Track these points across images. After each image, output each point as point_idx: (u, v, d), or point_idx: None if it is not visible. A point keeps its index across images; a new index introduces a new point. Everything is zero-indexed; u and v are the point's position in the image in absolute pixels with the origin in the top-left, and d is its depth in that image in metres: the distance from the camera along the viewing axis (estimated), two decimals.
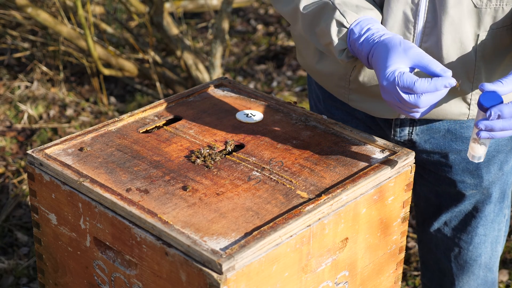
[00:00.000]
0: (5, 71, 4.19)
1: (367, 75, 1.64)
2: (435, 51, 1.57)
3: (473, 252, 1.86)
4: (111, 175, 1.48)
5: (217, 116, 1.70)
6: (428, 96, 1.39)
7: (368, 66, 1.51)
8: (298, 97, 4.03)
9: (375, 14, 1.55)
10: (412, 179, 1.55)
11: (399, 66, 1.42)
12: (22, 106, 3.82)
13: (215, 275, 1.25)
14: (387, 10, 1.56)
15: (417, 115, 1.43)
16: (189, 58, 3.80)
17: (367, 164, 1.52)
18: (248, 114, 1.69)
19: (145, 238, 1.35)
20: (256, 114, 1.69)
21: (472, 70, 1.59)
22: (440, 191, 1.81)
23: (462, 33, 1.54)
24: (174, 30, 3.81)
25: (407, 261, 2.83)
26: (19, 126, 3.74)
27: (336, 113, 1.81)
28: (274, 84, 4.20)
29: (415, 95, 1.39)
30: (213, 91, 1.81)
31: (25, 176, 3.28)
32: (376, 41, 1.47)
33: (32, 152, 1.54)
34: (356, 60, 1.58)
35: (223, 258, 1.25)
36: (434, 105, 1.43)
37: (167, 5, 4.28)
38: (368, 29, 1.50)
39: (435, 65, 1.41)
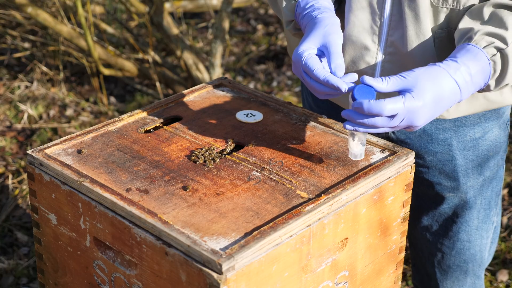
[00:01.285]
0: (5, 71, 4.19)
1: None
2: (400, 46, 1.59)
3: (456, 258, 1.85)
4: (111, 175, 1.48)
5: (217, 116, 1.70)
6: (322, 87, 1.42)
7: None
8: (298, 97, 4.03)
9: None
10: (412, 179, 1.55)
11: (311, 46, 1.45)
12: (22, 106, 3.82)
13: (215, 275, 1.25)
14: (354, 1, 1.58)
15: (319, 96, 1.45)
16: (189, 58, 3.80)
17: (367, 164, 1.52)
18: (248, 114, 1.69)
19: (145, 238, 1.35)
20: (256, 114, 1.69)
21: None
22: (419, 193, 1.81)
23: (424, 29, 1.56)
24: (174, 30, 3.81)
25: (407, 261, 2.83)
26: (19, 126, 3.74)
27: (322, 106, 1.83)
28: (274, 84, 4.20)
29: (312, 80, 1.43)
30: (213, 91, 1.82)
31: (25, 176, 3.28)
32: (310, 19, 1.51)
33: (32, 152, 1.54)
34: (301, 33, 1.62)
35: (223, 258, 1.25)
36: (335, 94, 1.43)
37: (167, 5, 4.28)
38: (311, 5, 1.53)
39: (333, 59, 1.43)
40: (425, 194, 1.80)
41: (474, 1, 1.53)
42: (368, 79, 1.38)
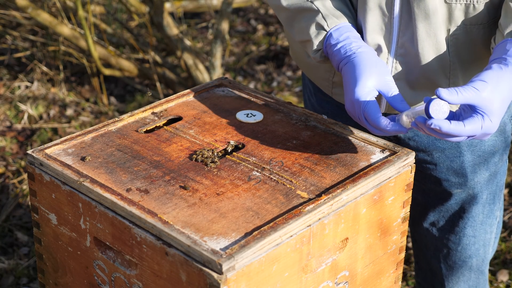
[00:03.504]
0: (5, 71, 4.19)
1: None
2: (411, 46, 1.59)
3: (462, 253, 1.85)
4: (111, 175, 1.48)
5: (217, 116, 1.70)
6: (378, 131, 1.48)
7: (337, 71, 1.57)
8: (298, 97, 4.03)
9: (353, 21, 1.61)
10: (412, 179, 1.55)
11: (370, 90, 1.48)
12: (22, 106, 3.82)
13: (215, 275, 1.25)
14: (364, 4, 1.58)
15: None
16: (189, 58, 3.80)
17: (367, 164, 1.52)
18: (248, 114, 1.69)
19: (145, 238, 1.35)
20: (256, 114, 1.69)
21: (448, 66, 1.60)
22: (426, 190, 1.81)
23: (436, 28, 1.56)
24: (174, 30, 3.81)
25: (407, 261, 2.83)
26: (19, 126, 3.74)
27: (326, 107, 1.83)
28: (274, 84, 4.20)
29: (369, 124, 1.48)
30: (213, 91, 1.82)
31: (25, 176, 3.28)
32: (353, 52, 1.53)
33: (32, 152, 1.54)
34: (327, 60, 1.63)
35: (223, 258, 1.25)
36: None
37: (167, 5, 4.28)
38: (347, 37, 1.55)
39: (394, 100, 1.47)
40: (432, 191, 1.80)
41: None
42: (443, 93, 1.37)
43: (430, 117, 1.37)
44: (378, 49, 1.61)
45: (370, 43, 1.61)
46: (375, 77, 1.49)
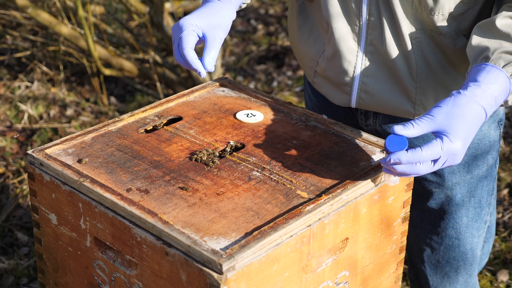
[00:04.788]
0: (5, 71, 4.19)
1: (324, 60, 1.71)
2: (379, 45, 1.62)
3: (445, 253, 1.85)
4: (111, 175, 1.48)
5: (217, 116, 1.70)
6: (184, 62, 1.54)
7: None
8: (298, 97, 4.03)
9: None
10: (412, 179, 1.55)
11: (196, 27, 1.54)
12: (22, 106, 3.82)
13: (215, 275, 1.25)
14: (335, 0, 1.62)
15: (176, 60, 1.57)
16: None
17: (367, 164, 1.52)
18: (248, 114, 1.69)
19: (145, 238, 1.35)
20: (256, 114, 1.69)
21: (414, 68, 1.62)
22: None
23: (401, 29, 1.58)
24: None
25: (407, 261, 2.83)
26: (19, 126, 3.74)
27: (320, 98, 1.85)
28: (274, 84, 4.20)
29: (178, 52, 1.54)
30: (213, 91, 1.82)
31: (25, 176, 3.28)
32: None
33: (32, 152, 1.54)
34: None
35: (223, 258, 1.25)
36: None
37: (167, 5, 4.28)
38: None
39: (208, 52, 1.53)
40: (413, 189, 1.80)
41: (449, 7, 1.53)
42: (398, 129, 1.37)
43: (389, 152, 1.37)
44: (347, 46, 1.64)
45: (339, 38, 1.63)
46: (210, 22, 1.55)
